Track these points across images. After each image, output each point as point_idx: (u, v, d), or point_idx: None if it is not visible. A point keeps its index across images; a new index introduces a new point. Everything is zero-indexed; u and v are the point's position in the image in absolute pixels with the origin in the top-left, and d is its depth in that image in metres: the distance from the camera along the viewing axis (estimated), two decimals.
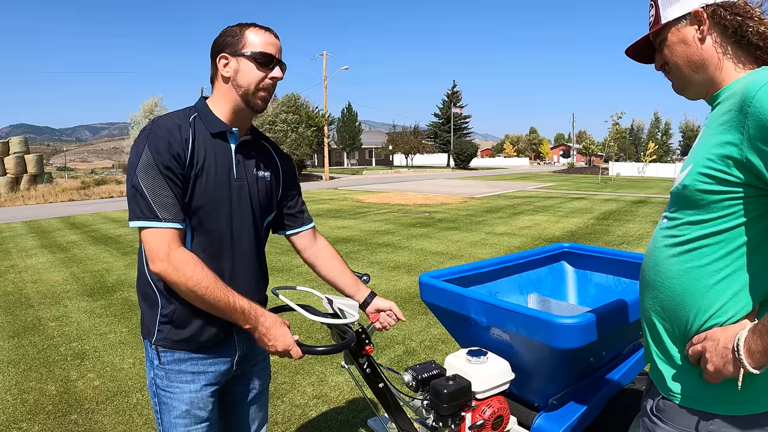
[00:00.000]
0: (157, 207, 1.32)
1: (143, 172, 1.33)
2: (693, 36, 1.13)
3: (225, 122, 1.49)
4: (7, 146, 24.33)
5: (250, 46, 1.45)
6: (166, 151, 1.35)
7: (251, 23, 1.49)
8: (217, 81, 1.50)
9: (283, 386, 3.47)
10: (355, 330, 1.64)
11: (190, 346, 1.47)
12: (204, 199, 1.43)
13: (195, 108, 1.51)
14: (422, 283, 2.09)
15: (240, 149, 1.52)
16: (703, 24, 1.11)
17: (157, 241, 1.32)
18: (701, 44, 1.13)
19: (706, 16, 1.11)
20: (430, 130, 63.83)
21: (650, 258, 1.21)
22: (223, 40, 1.47)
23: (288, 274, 6.70)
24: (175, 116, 1.46)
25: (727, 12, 1.08)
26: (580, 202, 15.85)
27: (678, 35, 1.15)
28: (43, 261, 8.12)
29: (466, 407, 1.65)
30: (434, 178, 34.82)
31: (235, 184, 1.49)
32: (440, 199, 17.31)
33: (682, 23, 1.15)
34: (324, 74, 34.58)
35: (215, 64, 1.48)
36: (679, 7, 1.14)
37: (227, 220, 1.48)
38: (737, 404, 1.05)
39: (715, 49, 1.12)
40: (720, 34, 1.11)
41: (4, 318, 5.19)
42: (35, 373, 3.83)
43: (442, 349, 4.02)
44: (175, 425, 1.49)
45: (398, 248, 8.39)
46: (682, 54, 1.16)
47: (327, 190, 23.88)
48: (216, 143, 1.47)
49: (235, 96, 1.47)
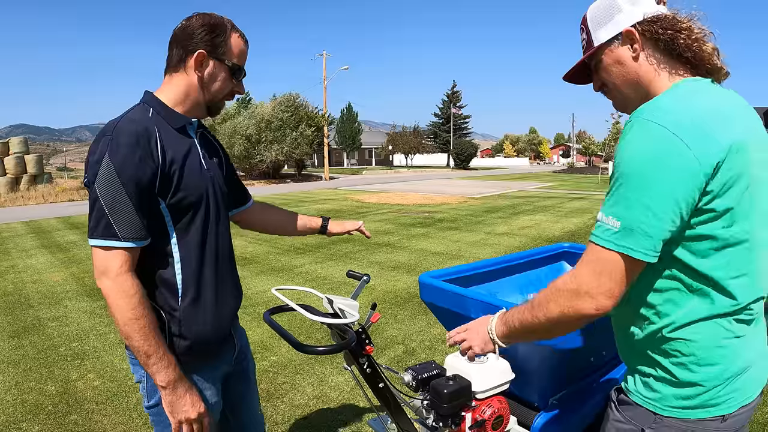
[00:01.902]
0: (117, 224, 1.24)
1: (104, 186, 1.23)
2: (627, 55, 1.13)
3: (183, 115, 1.42)
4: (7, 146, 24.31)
5: (231, 55, 1.41)
6: (131, 162, 1.24)
7: (232, 24, 1.43)
8: (180, 74, 1.39)
9: (283, 386, 3.47)
10: (356, 330, 1.64)
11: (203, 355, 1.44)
12: (187, 195, 1.37)
13: (148, 104, 1.39)
14: (422, 283, 2.09)
15: (200, 141, 1.49)
16: (636, 42, 1.11)
17: (112, 259, 1.25)
18: (636, 62, 1.12)
19: (637, 34, 1.10)
20: (430, 130, 63.87)
21: None
22: (205, 34, 1.36)
23: (288, 274, 6.70)
24: (134, 116, 1.33)
25: (658, 27, 1.08)
26: (580, 201, 15.85)
27: (612, 56, 1.15)
28: (43, 261, 8.12)
29: (466, 407, 1.65)
30: (434, 178, 34.83)
31: (208, 175, 1.46)
32: (440, 199, 17.31)
33: (614, 44, 1.14)
34: (324, 74, 34.61)
35: (184, 54, 1.37)
36: (610, 28, 1.14)
37: (211, 211, 1.45)
38: (680, 410, 1.06)
39: (650, 65, 1.11)
40: (653, 49, 1.11)
41: (4, 318, 5.18)
42: (35, 373, 3.83)
43: (442, 349, 4.02)
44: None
45: (398, 248, 8.39)
46: (618, 74, 1.16)
47: (327, 190, 23.89)
48: (180, 138, 1.40)
49: (198, 97, 1.42)
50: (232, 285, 1.56)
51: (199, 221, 1.41)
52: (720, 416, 1.05)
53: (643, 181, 0.94)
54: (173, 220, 1.36)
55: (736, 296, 1.02)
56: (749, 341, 1.08)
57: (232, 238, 1.60)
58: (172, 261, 1.37)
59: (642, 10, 1.10)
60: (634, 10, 1.11)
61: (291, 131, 31.39)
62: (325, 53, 34.46)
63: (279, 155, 30.89)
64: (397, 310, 5.06)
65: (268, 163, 30.88)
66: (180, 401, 1.32)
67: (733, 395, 1.06)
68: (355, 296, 1.76)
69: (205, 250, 1.43)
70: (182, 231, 1.38)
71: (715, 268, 0.99)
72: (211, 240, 1.45)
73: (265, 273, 6.76)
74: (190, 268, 1.39)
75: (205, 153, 1.48)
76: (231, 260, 1.58)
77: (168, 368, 1.29)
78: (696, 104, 1.00)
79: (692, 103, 1.00)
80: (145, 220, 1.29)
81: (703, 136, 0.93)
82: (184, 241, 1.38)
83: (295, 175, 35.82)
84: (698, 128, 0.94)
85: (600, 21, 1.16)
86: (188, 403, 1.33)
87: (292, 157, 32.50)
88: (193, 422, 1.34)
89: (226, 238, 1.54)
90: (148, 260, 1.35)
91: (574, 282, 1.03)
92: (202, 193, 1.41)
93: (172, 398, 1.31)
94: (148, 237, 1.31)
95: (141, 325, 1.25)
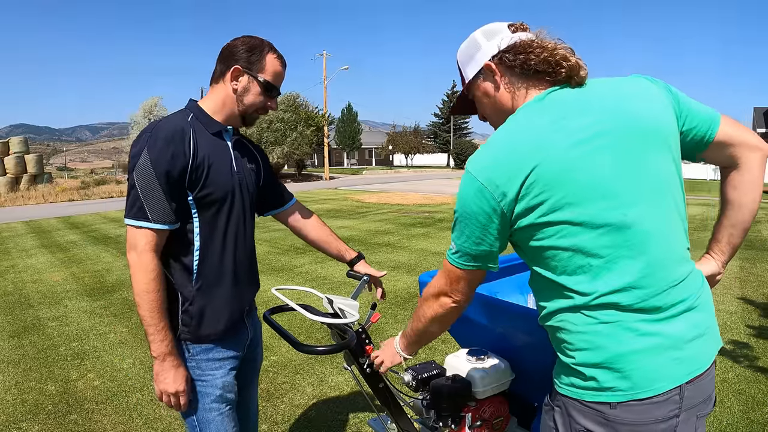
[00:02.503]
0: (149, 208, 1.42)
1: (140, 174, 1.42)
2: (491, 87, 1.24)
3: (220, 122, 1.58)
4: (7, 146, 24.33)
5: (266, 73, 1.55)
6: (164, 156, 1.41)
7: (271, 46, 1.58)
8: (220, 86, 1.57)
9: (283, 386, 3.47)
10: (356, 330, 1.64)
11: (214, 332, 1.57)
12: (213, 191, 1.51)
13: (189, 110, 1.57)
14: (422, 282, 2.09)
15: (235, 146, 1.63)
16: (496, 74, 1.21)
17: (140, 237, 1.43)
18: (498, 91, 1.23)
19: (494, 66, 1.20)
20: (430, 129, 63.86)
21: None
22: (243, 52, 1.53)
23: (288, 273, 6.71)
24: (174, 118, 1.52)
25: (510, 55, 1.18)
26: None
27: (481, 90, 1.26)
28: (43, 261, 8.12)
29: (466, 407, 1.65)
30: (434, 178, 34.84)
31: (237, 177, 1.59)
32: (440, 199, 17.32)
33: (480, 78, 1.25)
34: (324, 74, 34.61)
35: (225, 69, 1.54)
36: (474, 65, 1.25)
37: (234, 210, 1.58)
38: (569, 387, 1.14)
39: (507, 92, 1.21)
40: (509, 75, 1.20)
41: (4, 318, 5.19)
42: (35, 373, 3.83)
43: (442, 349, 4.02)
44: (209, 410, 1.58)
45: (398, 248, 8.39)
46: (488, 105, 1.27)
47: (327, 190, 23.89)
48: (215, 141, 1.56)
49: (234, 107, 1.57)
50: (248, 278, 1.68)
51: (222, 217, 1.55)
52: (607, 402, 1.07)
53: (462, 219, 1.15)
54: (198, 213, 1.51)
55: (582, 291, 1.09)
56: (629, 330, 1.07)
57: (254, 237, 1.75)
58: (192, 249, 1.52)
59: (497, 43, 1.20)
60: (490, 44, 1.21)
61: (291, 131, 31.40)
62: (325, 53, 34.48)
63: (280, 157, 30.91)
64: (397, 310, 5.06)
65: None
66: (164, 373, 1.48)
67: (619, 383, 1.06)
68: (355, 296, 1.76)
69: (224, 243, 1.57)
70: (205, 223, 1.53)
71: (554, 270, 1.11)
72: (231, 235, 1.58)
73: (266, 273, 6.76)
74: (208, 257, 1.54)
75: (238, 157, 1.62)
76: (251, 256, 1.70)
77: (162, 342, 1.46)
78: (510, 138, 1.12)
79: (508, 138, 1.12)
80: (175, 208, 1.46)
81: (502, 174, 1.08)
82: (206, 232, 1.53)
83: (295, 175, 35.83)
84: (498, 168, 1.08)
85: (465, 60, 1.27)
86: (170, 378, 1.48)
87: (292, 157, 32.50)
88: (171, 395, 1.50)
89: (248, 235, 1.67)
90: (175, 245, 1.51)
91: (435, 288, 1.28)
92: (227, 192, 1.55)
93: (158, 369, 1.48)
94: (176, 222, 1.48)
95: (150, 298, 1.43)
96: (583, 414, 1.11)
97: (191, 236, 1.52)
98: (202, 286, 1.54)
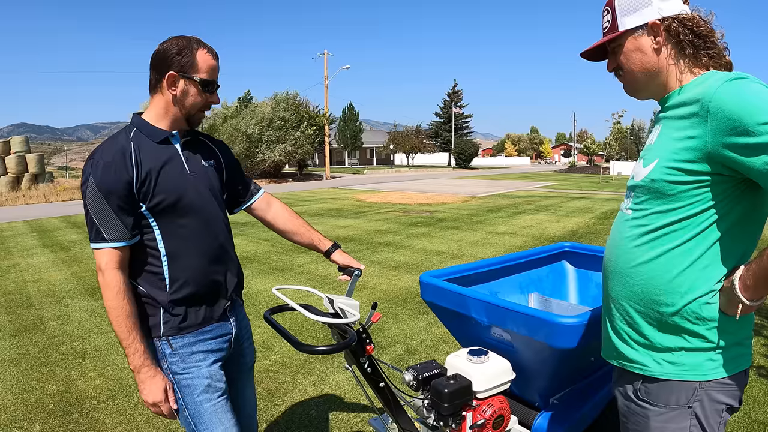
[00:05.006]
0: (104, 229, 1.48)
1: (90, 199, 1.47)
2: (649, 45, 1.23)
3: (165, 129, 1.60)
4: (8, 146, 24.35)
5: (200, 71, 1.55)
6: (109, 178, 1.46)
7: (199, 42, 1.57)
8: (158, 95, 1.58)
9: (284, 386, 3.47)
10: (356, 329, 1.64)
11: (196, 326, 1.61)
12: (166, 197, 1.53)
13: (133, 125, 1.60)
14: (423, 282, 2.09)
15: (185, 147, 1.65)
16: (659, 35, 1.21)
17: (102, 257, 1.50)
18: (656, 54, 1.23)
19: (662, 28, 1.21)
20: (431, 129, 63.79)
21: (617, 248, 1.30)
22: (174, 56, 1.52)
23: (289, 273, 6.71)
24: (114, 139, 1.56)
25: (680, 25, 1.19)
26: (581, 201, 15.83)
27: (634, 43, 1.25)
28: (44, 260, 8.13)
29: (466, 407, 1.65)
30: (435, 177, 34.82)
31: (191, 177, 1.61)
32: (441, 198, 17.31)
33: (638, 32, 1.24)
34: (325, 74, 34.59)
35: (159, 77, 1.55)
36: (637, 17, 1.23)
37: (194, 209, 1.60)
38: (714, 370, 1.18)
39: (668, 58, 1.23)
40: (673, 46, 1.22)
41: (6, 317, 5.19)
42: (36, 372, 3.83)
43: (443, 348, 4.02)
44: (200, 403, 1.58)
45: (399, 247, 8.39)
46: (637, 61, 1.26)
47: (328, 189, 23.90)
48: (161, 148, 1.58)
49: (177, 112, 1.59)
50: (225, 273, 1.70)
51: (182, 219, 1.58)
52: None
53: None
54: (156, 220, 1.55)
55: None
56: None
57: (230, 231, 1.77)
58: (158, 254, 1.56)
59: (669, 7, 1.21)
60: (663, 5, 1.21)
61: (293, 131, 31.38)
62: (327, 53, 34.46)
63: (281, 156, 30.89)
64: (398, 309, 5.06)
65: (270, 162, 30.88)
66: (142, 384, 1.52)
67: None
68: (350, 292, 1.76)
69: (191, 244, 1.59)
70: (166, 229, 1.56)
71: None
72: (197, 234, 1.61)
73: (266, 272, 6.76)
74: (177, 261, 1.57)
75: (190, 157, 1.64)
76: (225, 251, 1.70)
77: (134, 354, 1.50)
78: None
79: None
80: (129, 224, 1.51)
81: None
82: (169, 238, 1.56)
83: (296, 174, 35.83)
84: None
85: (628, 8, 1.24)
86: (148, 389, 1.52)
87: (294, 156, 32.48)
88: (151, 405, 1.54)
89: (218, 230, 1.68)
90: (141, 255, 1.56)
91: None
92: (181, 194, 1.57)
93: (138, 380, 1.53)
94: (134, 237, 1.53)
95: (117, 313, 1.48)
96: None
97: (155, 244, 1.55)
98: (176, 290, 1.57)
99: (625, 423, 1.31)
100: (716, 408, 1.20)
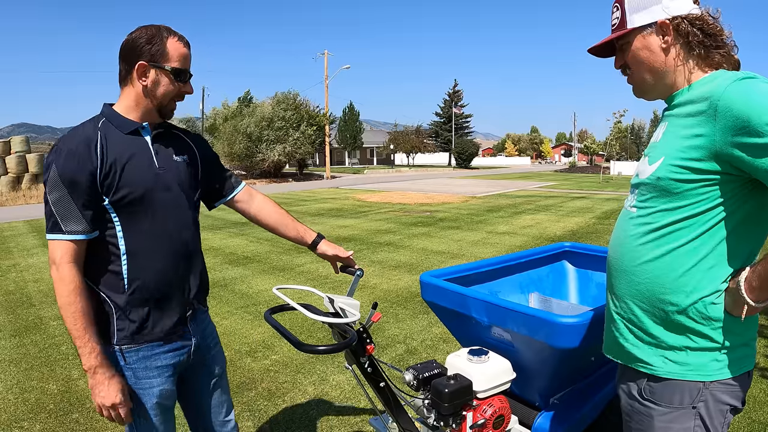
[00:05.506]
0: (62, 220, 1.41)
1: (51, 188, 1.41)
2: (657, 44, 1.22)
3: (136, 121, 1.53)
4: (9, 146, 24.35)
5: (171, 60, 1.49)
6: (70, 167, 1.40)
7: (169, 30, 1.51)
8: (129, 86, 1.51)
9: (285, 385, 3.47)
10: (357, 329, 1.64)
11: (151, 337, 1.53)
12: (131, 191, 1.47)
13: (102, 114, 1.53)
14: (423, 282, 2.09)
15: (156, 140, 1.57)
16: (668, 35, 1.20)
17: (57, 249, 1.42)
18: (665, 54, 1.22)
19: (671, 28, 1.20)
20: (432, 129, 63.80)
21: (622, 246, 1.29)
22: (144, 45, 1.46)
23: (289, 273, 6.71)
24: (80, 128, 1.49)
25: (689, 25, 1.19)
26: (582, 201, 15.83)
27: (643, 42, 1.24)
28: (45, 260, 8.12)
29: (467, 406, 1.65)
30: (435, 177, 34.81)
31: (159, 172, 1.54)
32: (441, 198, 17.31)
33: (647, 31, 1.23)
34: (325, 73, 34.59)
35: (129, 68, 1.48)
36: (646, 15, 1.22)
37: (160, 207, 1.53)
38: (719, 370, 1.19)
39: (676, 58, 1.22)
40: (682, 46, 1.21)
41: (6, 317, 5.19)
42: (37, 372, 3.84)
43: (444, 348, 4.02)
44: (146, 417, 1.55)
45: (399, 247, 8.39)
46: (645, 60, 1.25)
47: (328, 189, 23.89)
48: (130, 140, 1.51)
49: (148, 104, 1.52)
50: (187, 279, 1.62)
51: (147, 216, 1.51)
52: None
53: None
54: (118, 215, 1.47)
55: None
56: None
57: (198, 231, 1.70)
58: (118, 253, 1.48)
59: (679, 7, 1.20)
60: (672, 4, 1.20)
61: (293, 130, 31.38)
62: (327, 52, 34.45)
63: (281, 155, 30.89)
64: (398, 309, 5.06)
65: (270, 162, 30.88)
66: (98, 386, 1.44)
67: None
68: (351, 292, 1.76)
69: (154, 244, 1.52)
70: (128, 226, 1.49)
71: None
72: (161, 234, 1.54)
73: (267, 272, 6.76)
74: (137, 261, 1.49)
75: (160, 151, 1.57)
76: (190, 254, 1.63)
77: (90, 354, 1.41)
78: None
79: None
80: (89, 216, 1.43)
81: None
82: (130, 235, 1.49)
83: (296, 174, 35.82)
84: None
85: (638, 6, 1.23)
86: (105, 390, 1.44)
87: (294, 156, 32.48)
88: (108, 408, 1.46)
89: (183, 232, 1.61)
90: (99, 253, 1.48)
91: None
92: (147, 189, 1.50)
93: (92, 382, 1.44)
94: (93, 231, 1.45)
95: (72, 310, 1.40)
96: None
97: (115, 241, 1.47)
98: (135, 291, 1.49)
99: (629, 422, 1.31)
100: (720, 409, 1.20)
